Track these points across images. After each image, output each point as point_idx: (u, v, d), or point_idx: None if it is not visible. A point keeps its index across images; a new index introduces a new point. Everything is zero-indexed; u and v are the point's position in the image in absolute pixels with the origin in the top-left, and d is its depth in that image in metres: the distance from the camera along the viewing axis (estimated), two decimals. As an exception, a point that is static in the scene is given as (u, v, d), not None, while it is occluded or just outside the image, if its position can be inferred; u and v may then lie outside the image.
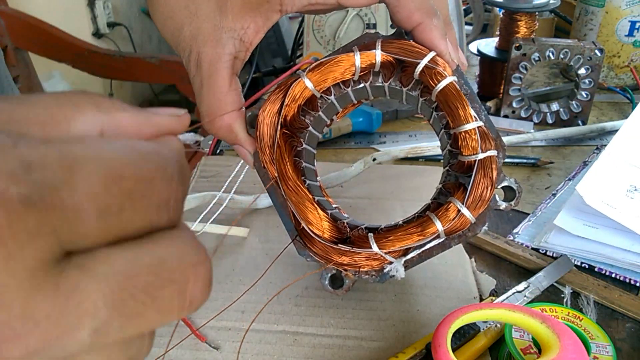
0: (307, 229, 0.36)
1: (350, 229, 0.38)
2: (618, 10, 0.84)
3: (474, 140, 0.34)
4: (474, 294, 0.46)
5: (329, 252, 0.36)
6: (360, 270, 0.37)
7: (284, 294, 0.47)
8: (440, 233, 0.35)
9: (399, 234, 0.35)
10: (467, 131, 0.34)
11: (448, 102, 0.35)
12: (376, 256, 0.36)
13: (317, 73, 0.36)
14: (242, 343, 0.42)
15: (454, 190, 0.36)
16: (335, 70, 0.36)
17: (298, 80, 0.36)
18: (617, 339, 0.42)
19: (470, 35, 1.06)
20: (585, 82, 0.75)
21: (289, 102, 0.36)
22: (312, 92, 0.36)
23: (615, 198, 0.50)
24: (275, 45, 1.20)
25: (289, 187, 0.36)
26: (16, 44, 1.36)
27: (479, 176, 0.34)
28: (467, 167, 0.36)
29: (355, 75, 0.36)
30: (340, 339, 0.42)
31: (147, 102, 2.35)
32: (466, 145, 0.35)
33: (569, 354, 0.31)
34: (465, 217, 0.34)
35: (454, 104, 0.34)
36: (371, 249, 0.35)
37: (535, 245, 0.52)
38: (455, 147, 0.36)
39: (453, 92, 0.34)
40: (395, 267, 0.36)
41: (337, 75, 0.36)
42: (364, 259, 0.36)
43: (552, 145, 0.73)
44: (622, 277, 0.48)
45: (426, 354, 0.39)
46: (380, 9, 0.89)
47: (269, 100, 0.36)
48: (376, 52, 0.35)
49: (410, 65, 0.35)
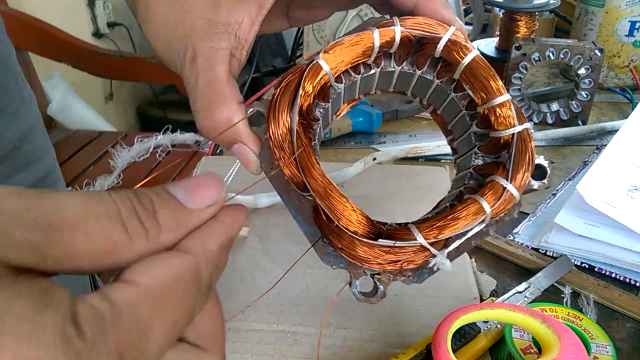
0: (342, 227, 0.30)
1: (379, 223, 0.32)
2: (618, 10, 0.84)
3: (510, 112, 0.32)
4: (474, 294, 0.46)
5: (367, 252, 0.31)
6: (401, 269, 0.32)
7: (285, 294, 0.47)
8: (487, 215, 0.31)
9: (443, 221, 0.31)
10: (501, 104, 0.32)
11: (478, 76, 0.32)
12: (419, 251, 0.31)
13: (332, 54, 0.33)
14: (242, 343, 0.42)
15: (492, 170, 0.33)
16: (352, 50, 0.32)
17: (313, 63, 0.32)
18: (617, 339, 0.42)
19: (470, 35, 1.06)
20: (585, 82, 0.75)
21: (305, 88, 0.32)
22: (328, 77, 0.33)
23: (615, 197, 0.50)
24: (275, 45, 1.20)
25: (317, 181, 0.30)
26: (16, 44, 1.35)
27: (519, 150, 0.32)
28: (500, 145, 0.33)
29: (371, 57, 0.33)
30: (340, 339, 0.42)
31: (147, 102, 2.35)
32: (502, 119, 0.32)
33: (569, 354, 0.31)
34: (511, 195, 0.31)
35: (485, 77, 0.32)
36: (415, 240, 0.30)
37: (535, 245, 0.52)
38: (485, 125, 0.33)
39: (482, 64, 0.32)
40: (440, 260, 0.31)
41: (354, 56, 0.33)
42: (408, 255, 0.31)
43: (552, 145, 0.72)
44: (622, 277, 0.48)
45: (426, 355, 0.39)
46: (380, 9, 0.88)
47: (280, 88, 0.33)
48: (395, 28, 0.32)
49: (430, 42, 0.33)
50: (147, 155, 1.34)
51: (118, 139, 1.41)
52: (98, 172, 1.26)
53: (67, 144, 1.45)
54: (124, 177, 1.25)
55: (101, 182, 1.21)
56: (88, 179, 1.20)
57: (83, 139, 1.47)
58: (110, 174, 1.25)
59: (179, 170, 1.29)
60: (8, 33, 0.54)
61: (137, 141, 1.37)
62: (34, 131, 0.52)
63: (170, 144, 1.29)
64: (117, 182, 1.23)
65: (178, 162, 1.29)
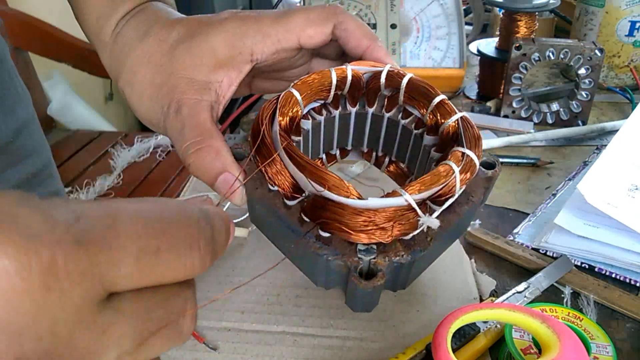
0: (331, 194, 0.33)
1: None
2: (618, 10, 0.84)
3: (449, 105, 0.39)
4: (474, 294, 0.46)
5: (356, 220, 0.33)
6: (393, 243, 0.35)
7: (284, 295, 0.47)
8: (456, 174, 0.35)
9: (421, 182, 0.35)
10: (440, 101, 0.39)
11: (417, 89, 0.40)
12: (406, 213, 0.34)
13: (300, 85, 0.39)
14: (242, 344, 0.42)
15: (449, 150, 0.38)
16: (315, 82, 0.40)
17: (286, 91, 0.39)
18: (617, 339, 0.42)
19: (470, 35, 1.06)
20: (585, 82, 0.75)
21: (282, 108, 0.37)
22: (299, 104, 0.39)
23: (616, 197, 0.50)
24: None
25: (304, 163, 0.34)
26: (16, 44, 1.35)
27: (466, 127, 0.38)
28: (450, 138, 0.39)
29: (330, 93, 0.40)
30: (340, 339, 0.42)
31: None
32: (445, 111, 0.39)
33: (569, 354, 0.31)
34: (470, 159, 0.36)
35: (423, 86, 0.40)
36: (400, 196, 0.33)
37: (535, 245, 0.52)
38: (435, 125, 0.39)
39: (419, 81, 0.40)
40: (427, 219, 0.34)
41: (317, 86, 0.40)
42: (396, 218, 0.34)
43: (552, 145, 0.72)
44: (622, 277, 0.48)
45: (426, 355, 0.39)
46: (379, 9, 0.89)
47: (261, 108, 0.38)
48: (347, 67, 0.40)
49: (375, 78, 0.41)
50: (147, 155, 1.34)
51: (118, 139, 1.41)
52: (98, 172, 1.26)
53: (67, 144, 1.45)
54: (124, 177, 1.25)
55: (101, 182, 1.21)
56: (88, 179, 1.20)
57: (83, 139, 1.47)
58: (110, 174, 1.25)
59: (179, 170, 1.29)
60: (8, 33, 0.55)
61: (137, 141, 1.37)
62: (29, 126, 0.54)
63: (170, 144, 1.29)
64: (117, 182, 1.23)
65: (178, 162, 1.29)
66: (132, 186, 1.23)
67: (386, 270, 0.34)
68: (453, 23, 0.89)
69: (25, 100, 0.54)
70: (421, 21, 0.89)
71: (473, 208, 0.38)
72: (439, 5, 0.89)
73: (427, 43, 0.89)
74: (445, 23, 0.89)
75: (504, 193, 0.62)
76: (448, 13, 0.89)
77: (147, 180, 1.26)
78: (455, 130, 0.39)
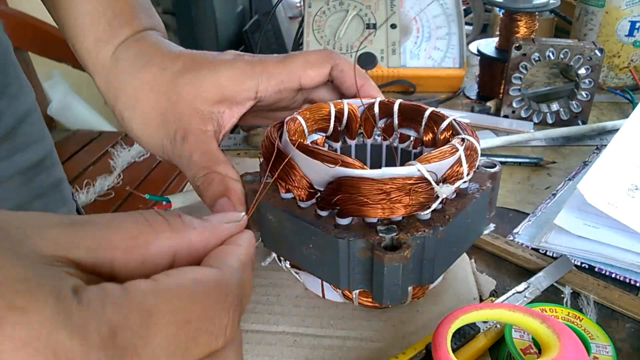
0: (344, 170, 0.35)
1: None
2: (618, 10, 0.84)
3: (440, 113, 0.43)
4: (474, 294, 0.46)
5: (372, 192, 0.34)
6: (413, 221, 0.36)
7: (284, 295, 0.47)
8: (461, 152, 0.37)
9: (430, 156, 0.36)
10: (431, 112, 0.43)
11: (408, 109, 0.44)
12: (418, 183, 0.35)
13: (305, 112, 0.43)
14: (242, 344, 0.42)
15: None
16: (316, 111, 0.44)
17: (292, 116, 0.42)
18: (617, 339, 0.42)
19: (470, 35, 1.06)
20: (585, 82, 0.75)
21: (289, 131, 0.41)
22: (303, 127, 0.42)
23: (616, 197, 0.50)
24: (275, 45, 1.20)
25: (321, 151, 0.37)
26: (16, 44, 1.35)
27: (460, 126, 0.41)
28: (447, 141, 0.41)
29: (330, 125, 0.44)
30: (340, 339, 0.42)
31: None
32: (438, 118, 0.42)
33: (569, 354, 0.31)
34: (471, 143, 0.39)
35: (414, 106, 0.44)
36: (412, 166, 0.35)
37: (535, 245, 0.52)
38: (431, 134, 0.43)
39: (407, 103, 0.45)
40: (440, 188, 0.35)
41: (318, 115, 0.44)
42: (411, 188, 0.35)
43: (552, 145, 0.72)
44: (622, 277, 0.48)
45: (426, 355, 0.39)
46: (379, 9, 0.89)
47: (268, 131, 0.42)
48: (343, 101, 0.45)
49: (369, 110, 0.45)
50: (147, 155, 1.34)
51: (118, 139, 1.41)
52: (98, 172, 1.26)
53: (67, 144, 1.45)
54: (124, 177, 1.25)
55: (101, 182, 1.21)
56: (88, 179, 1.20)
57: (83, 139, 1.47)
58: (110, 174, 1.25)
59: (179, 170, 1.28)
60: (8, 33, 0.56)
61: (137, 141, 1.37)
62: (32, 114, 0.55)
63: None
64: (117, 182, 1.23)
65: (178, 162, 1.28)
66: (132, 186, 1.23)
67: (411, 243, 0.35)
68: (453, 23, 0.89)
69: (28, 90, 0.55)
70: (421, 21, 0.89)
71: (485, 194, 0.40)
72: (439, 5, 0.89)
73: (427, 43, 0.89)
74: (445, 23, 0.89)
75: (504, 193, 0.62)
76: (448, 13, 0.89)
77: (147, 180, 1.26)
78: (450, 134, 0.42)
